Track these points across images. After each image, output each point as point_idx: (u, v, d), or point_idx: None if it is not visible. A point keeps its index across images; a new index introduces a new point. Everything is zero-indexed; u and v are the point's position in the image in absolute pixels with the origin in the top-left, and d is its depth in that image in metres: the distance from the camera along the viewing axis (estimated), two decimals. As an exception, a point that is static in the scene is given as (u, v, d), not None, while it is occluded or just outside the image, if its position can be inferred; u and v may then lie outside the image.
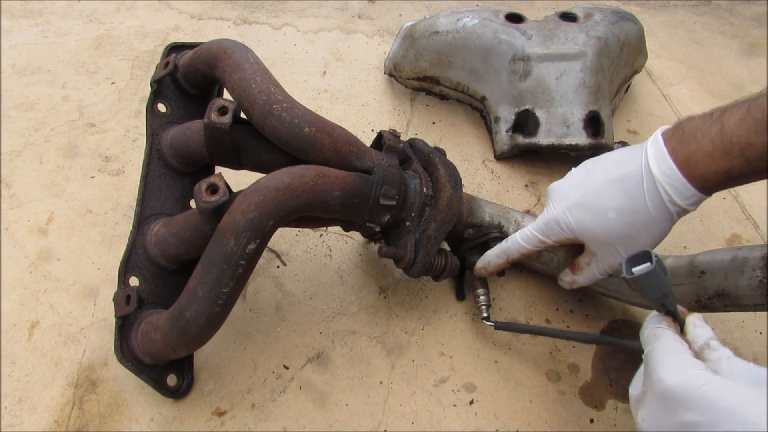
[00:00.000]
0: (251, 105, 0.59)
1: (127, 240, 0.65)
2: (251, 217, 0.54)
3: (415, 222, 0.66)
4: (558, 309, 0.78)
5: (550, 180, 0.95)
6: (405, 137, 0.98)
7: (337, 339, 0.73)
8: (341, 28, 1.21)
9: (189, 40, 1.02)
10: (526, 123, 0.94)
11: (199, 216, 0.58)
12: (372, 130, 1.00)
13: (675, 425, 0.37)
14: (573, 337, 0.66)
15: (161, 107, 0.71)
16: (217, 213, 0.57)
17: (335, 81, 1.08)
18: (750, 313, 0.80)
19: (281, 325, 0.74)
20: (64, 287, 0.73)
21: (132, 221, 0.66)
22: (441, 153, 0.71)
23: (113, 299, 0.63)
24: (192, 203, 0.71)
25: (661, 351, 0.42)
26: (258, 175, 0.61)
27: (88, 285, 0.74)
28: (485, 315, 0.71)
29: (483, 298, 0.72)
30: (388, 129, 0.71)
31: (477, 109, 1.05)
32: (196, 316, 0.56)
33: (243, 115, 0.62)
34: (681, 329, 0.48)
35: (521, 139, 0.93)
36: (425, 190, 0.66)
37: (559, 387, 0.71)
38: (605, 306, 0.79)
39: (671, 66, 1.23)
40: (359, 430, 0.66)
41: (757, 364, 0.38)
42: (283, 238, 0.82)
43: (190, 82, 0.71)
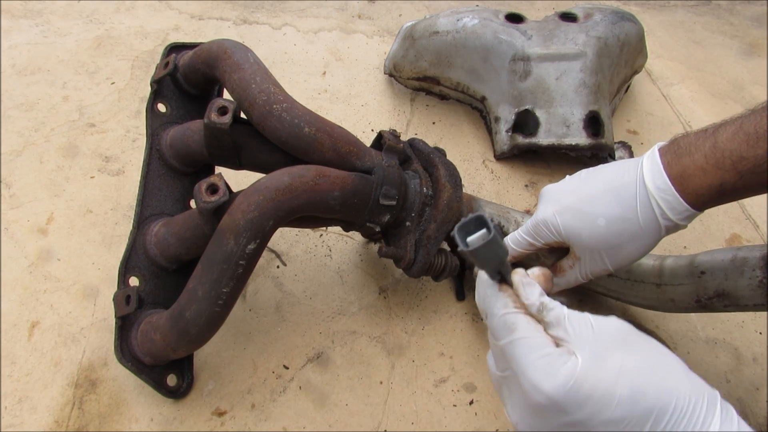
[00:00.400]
0: (251, 105, 0.59)
1: (127, 240, 0.65)
2: (251, 217, 0.54)
3: (415, 222, 0.66)
4: (558, 309, 0.78)
5: (549, 180, 0.95)
6: (405, 137, 0.98)
7: (337, 339, 0.73)
8: (341, 28, 1.21)
9: (189, 40, 1.02)
10: (526, 123, 0.94)
11: (199, 216, 0.58)
12: (372, 130, 1.00)
13: (556, 427, 0.38)
14: None
15: (161, 107, 0.71)
16: (217, 213, 0.57)
17: (335, 81, 1.08)
18: (750, 313, 0.80)
19: (281, 325, 0.74)
20: (64, 287, 0.73)
21: (132, 221, 0.66)
22: (441, 153, 0.71)
23: (113, 299, 0.63)
24: (192, 203, 0.71)
25: (522, 350, 0.39)
26: (258, 175, 0.61)
27: (88, 285, 0.74)
28: (485, 315, 0.71)
29: (483, 298, 0.72)
30: (388, 129, 0.71)
31: (477, 109, 1.05)
32: (196, 316, 0.56)
33: (243, 115, 0.62)
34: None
35: (521, 139, 0.93)
36: (425, 190, 0.66)
37: (559, 387, 0.71)
38: (605, 306, 0.79)
39: (671, 66, 1.23)
40: (359, 430, 0.66)
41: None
42: (283, 238, 0.82)
43: (190, 82, 0.71)
